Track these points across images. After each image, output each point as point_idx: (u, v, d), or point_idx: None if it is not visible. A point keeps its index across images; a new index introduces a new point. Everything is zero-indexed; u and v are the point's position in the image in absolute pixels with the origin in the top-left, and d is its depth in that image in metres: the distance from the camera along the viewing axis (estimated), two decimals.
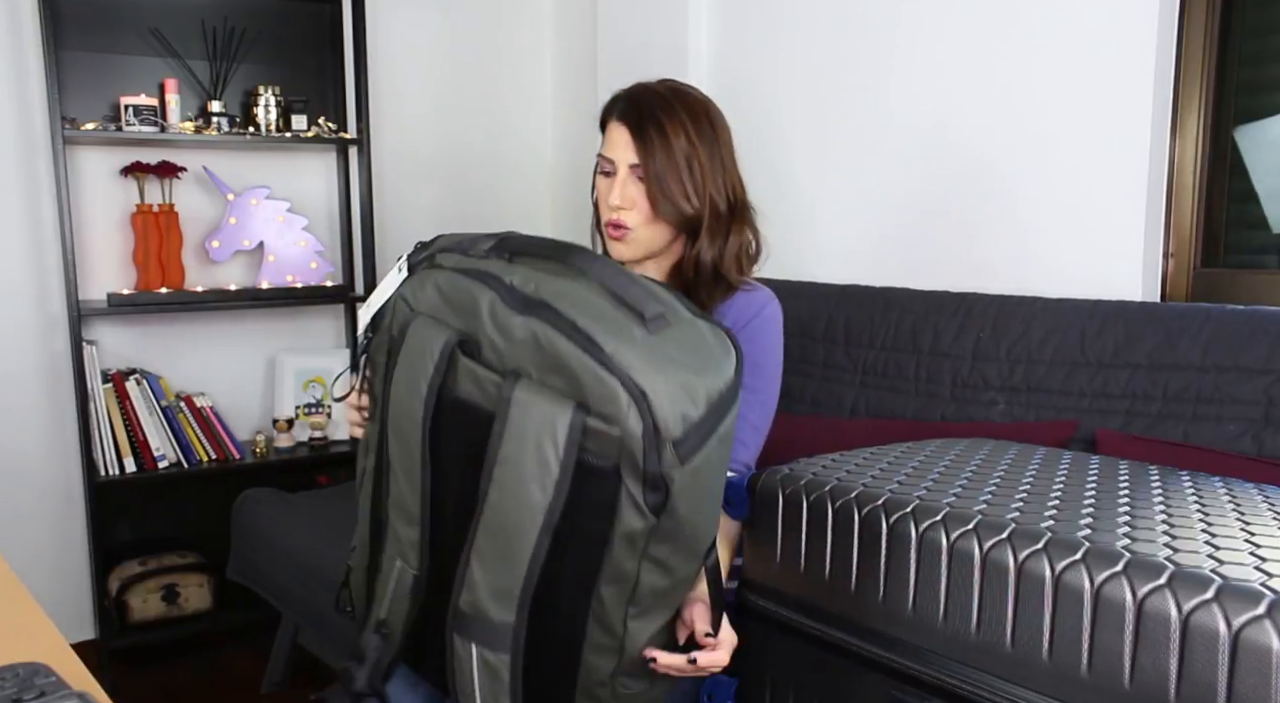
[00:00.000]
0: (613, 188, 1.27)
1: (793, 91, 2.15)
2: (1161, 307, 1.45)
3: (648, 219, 1.27)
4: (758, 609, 1.05)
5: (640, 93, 1.30)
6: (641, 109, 1.27)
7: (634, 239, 1.28)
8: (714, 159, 1.28)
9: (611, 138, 1.28)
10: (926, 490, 0.94)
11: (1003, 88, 1.76)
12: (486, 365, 0.88)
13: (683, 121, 1.26)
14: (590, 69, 2.68)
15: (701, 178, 1.26)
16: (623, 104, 1.29)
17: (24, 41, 2.24)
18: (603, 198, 1.29)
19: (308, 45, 2.52)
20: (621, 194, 1.26)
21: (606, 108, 1.32)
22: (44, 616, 0.88)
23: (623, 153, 1.26)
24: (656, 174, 1.24)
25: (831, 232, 2.08)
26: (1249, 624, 0.69)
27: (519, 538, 0.84)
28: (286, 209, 2.47)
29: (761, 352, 1.27)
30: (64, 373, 2.31)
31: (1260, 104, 1.60)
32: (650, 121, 1.26)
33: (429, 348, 0.92)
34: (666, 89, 1.30)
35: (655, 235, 1.30)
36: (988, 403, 1.55)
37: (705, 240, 1.29)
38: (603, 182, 1.30)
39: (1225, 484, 1.01)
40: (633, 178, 1.27)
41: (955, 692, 0.86)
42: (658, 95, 1.29)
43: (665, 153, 1.25)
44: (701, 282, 1.30)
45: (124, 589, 2.31)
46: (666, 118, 1.26)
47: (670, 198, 1.25)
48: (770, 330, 1.30)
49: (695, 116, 1.28)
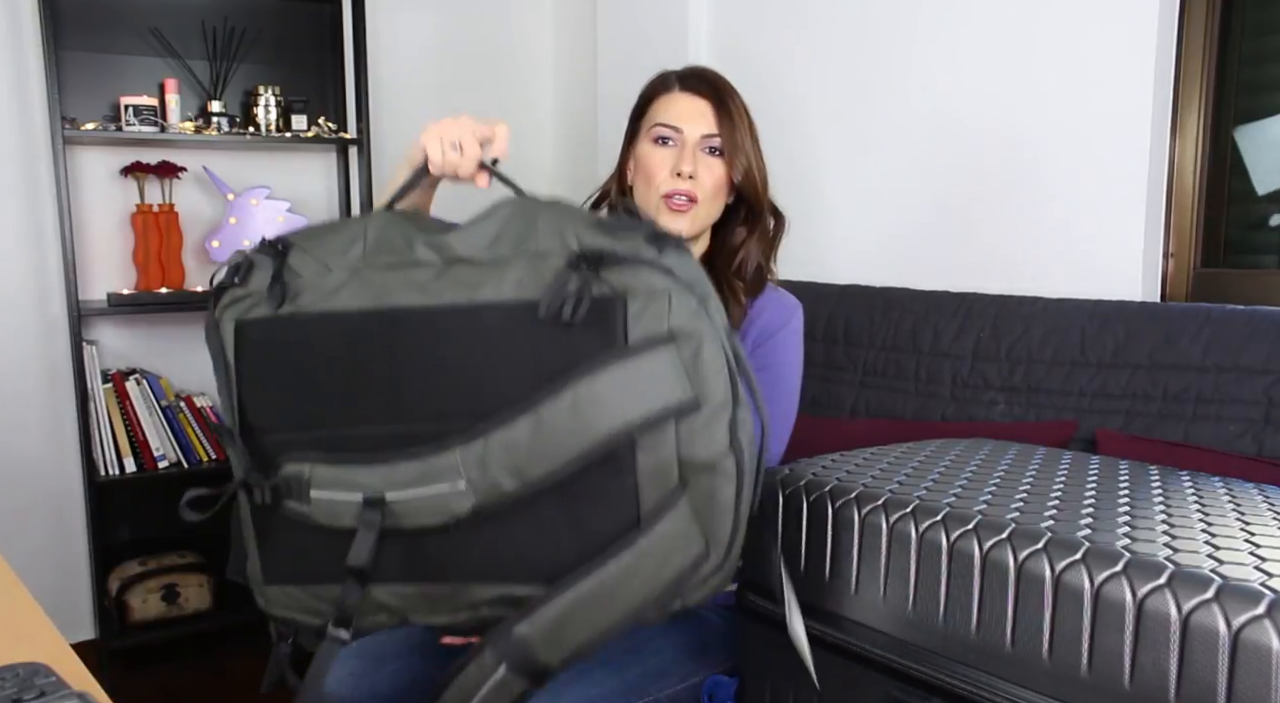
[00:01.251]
0: (681, 156, 1.24)
1: (793, 91, 2.15)
2: (1161, 307, 1.45)
3: (713, 193, 1.25)
4: (758, 609, 1.05)
5: (704, 70, 1.30)
6: (712, 81, 1.27)
7: (696, 214, 1.26)
8: (760, 151, 1.30)
9: (679, 107, 1.26)
10: (926, 491, 0.94)
11: (1000, 88, 1.76)
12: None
13: (741, 102, 1.28)
14: (590, 69, 2.68)
15: (760, 161, 1.28)
16: (687, 78, 1.28)
17: (24, 41, 2.24)
18: (659, 168, 1.25)
19: (308, 45, 2.52)
20: (693, 162, 1.23)
21: (656, 84, 1.30)
22: (44, 616, 0.88)
23: (697, 121, 1.24)
24: (740, 142, 1.24)
25: (831, 232, 2.08)
26: (1249, 624, 0.69)
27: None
28: (287, 209, 2.47)
29: (782, 363, 1.28)
30: (64, 373, 2.31)
31: (1260, 104, 1.60)
32: (725, 93, 1.26)
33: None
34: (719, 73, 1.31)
35: (713, 213, 1.29)
36: (988, 403, 1.55)
37: (760, 227, 1.29)
38: (660, 151, 1.26)
39: (1225, 484, 1.01)
40: (701, 150, 1.25)
41: (955, 692, 0.86)
42: (717, 73, 1.29)
43: (743, 125, 1.25)
44: (744, 273, 1.30)
45: (124, 589, 2.31)
46: (733, 94, 1.27)
47: (750, 167, 1.25)
48: (794, 345, 1.30)
49: (747, 107, 1.29)
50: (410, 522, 0.86)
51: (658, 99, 1.28)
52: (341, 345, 0.88)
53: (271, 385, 0.92)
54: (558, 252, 0.83)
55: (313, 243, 0.92)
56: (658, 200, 1.25)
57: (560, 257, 0.83)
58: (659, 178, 1.25)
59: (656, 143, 1.26)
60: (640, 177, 1.28)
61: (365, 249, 0.90)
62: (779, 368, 1.27)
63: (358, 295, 0.88)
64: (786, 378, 1.28)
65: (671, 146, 1.25)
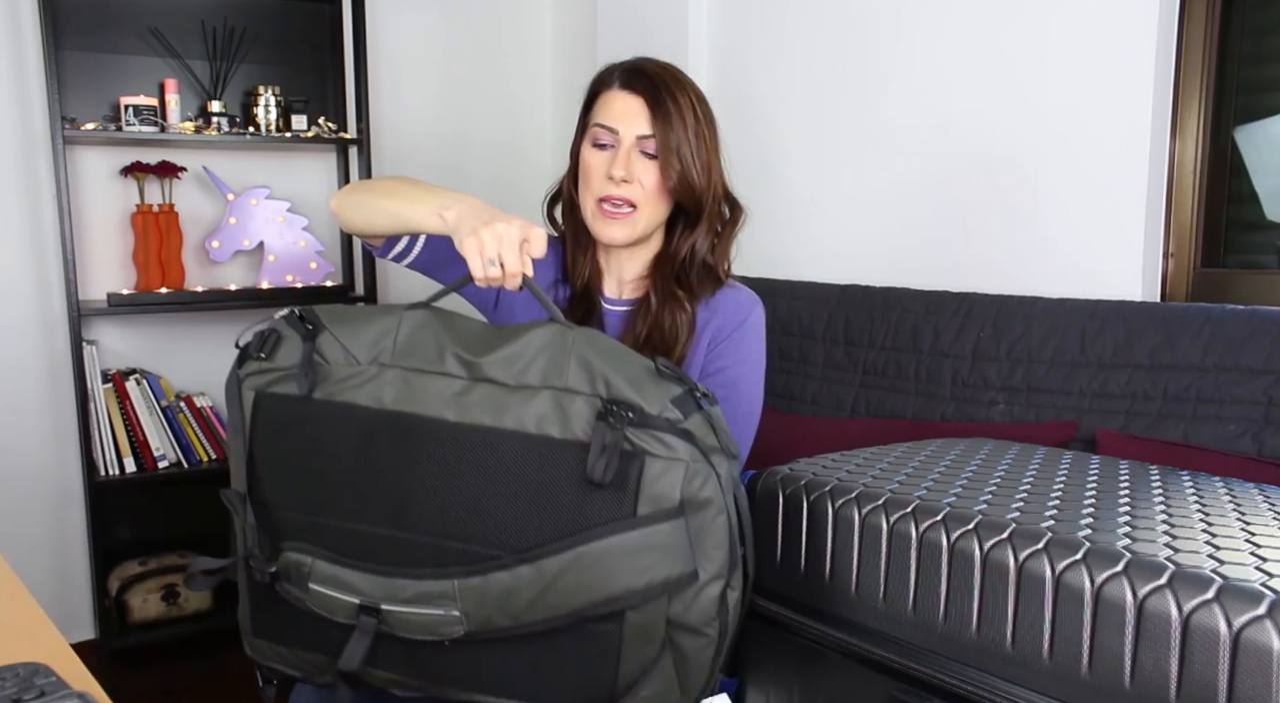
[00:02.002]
0: (615, 159, 1.18)
1: (793, 90, 2.15)
2: (1161, 307, 1.45)
3: (653, 197, 1.19)
4: (758, 609, 1.05)
5: (645, 64, 1.22)
6: (651, 77, 1.20)
7: (635, 220, 1.20)
8: (713, 143, 1.23)
9: (616, 107, 1.19)
10: (927, 491, 0.94)
11: (1002, 88, 1.76)
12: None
13: (690, 98, 1.20)
14: (590, 69, 2.67)
15: (707, 158, 1.20)
16: (627, 73, 1.21)
17: (24, 41, 2.24)
18: (595, 172, 1.20)
19: (308, 45, 2.52)
20: (626, 166, 1.17)
21: (599, 78, 1.24)
22: (44, 616, 0.88)
23: (631, 122, 1.18)
24: (674, 144, 1.17)
25: (831, 231, 2.08)
26: (1249, 624, 0.69)
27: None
28: (287, 209, 2.47)
29: (741, 361, 1.24)
30: (64, 373, 2.31)
31: (1260, 104, 1.60)
32: (664, 91, 1.18)
33: None
34: (665, 64, 1.24)
35: (655, 217, 1.22)
36: (988, 403, 1.55)
37: (704, 226, 1.23)
38: (597, 154, 1.20)
39: (1225, 484, 1.01)
40: (638, 151, 1.18)
41: (955, 692, 0.86)
42: (663, 67, 1.22)
43: (681, 124, 1.17)
44: (694, 271, 1.24)
45: (124, 589, 2.31)
46: (678, 90, 1.19)
47: (685, 171, 1.17)
48: (754, 340, 1.25)
49: (698, 96, 1.22)
50: (404, 633, 0.88)
51: (600, 96, 1.23)
52: (357, 440, 0.90)
53: (284, 463, 0.94)
54: (586, 393, 0.85)
55: (343, 330, 0.93)
56: (594, 206, 1.21)
57: (587, 400, 0.85)
58: (595, 182, 1.20)
59: (595, 145, 1.21)
60: (581, 179, 1.23)
61: (395, 347, 0.91)
62: (736, 367, 1.23)
63: (380, 394, 0.90)
64: (745, 377, 1.23)
65: (609, 149, 1.19)
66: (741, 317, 1.25)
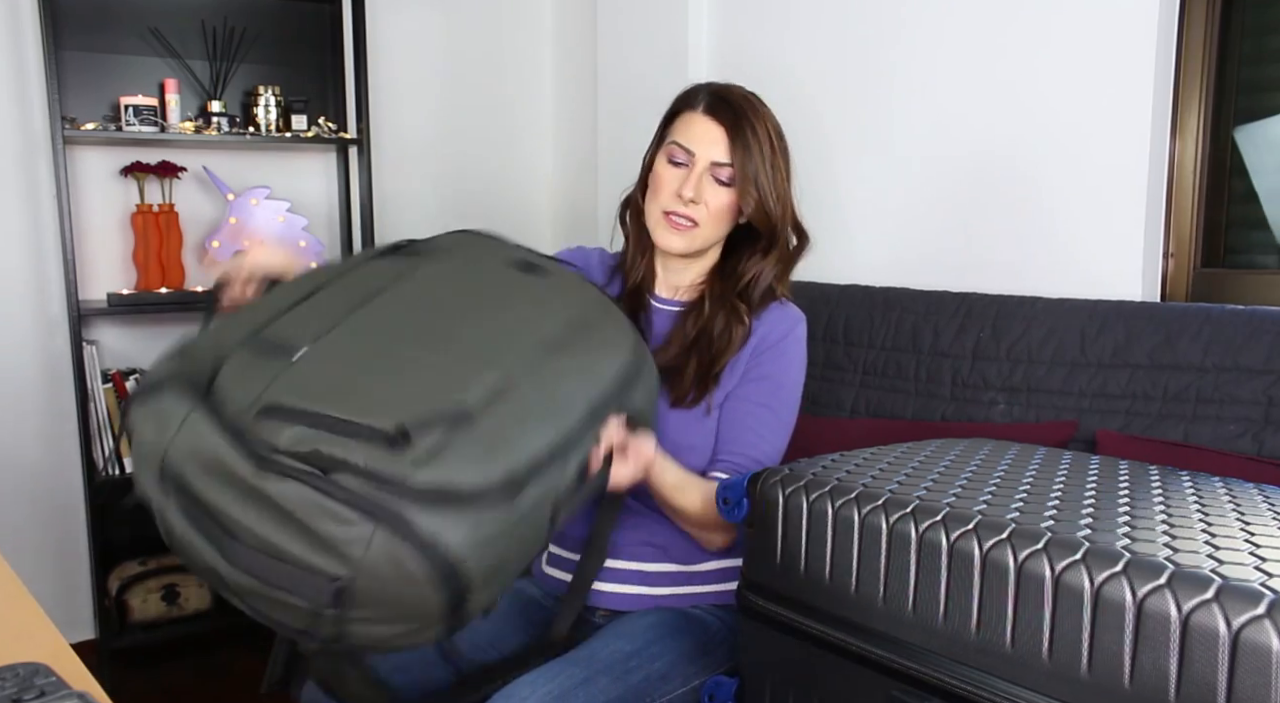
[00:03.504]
0: (687, 179, 1.24)
1: (793, 91, 2.14)
2: (1161, 307, 1.45)
3: (715, 219, 1.26)
4: (758, 609, 1.05)
5: (728, 90, 1.28)
6: (735, 106, 1.26)
7: (695, 235, 1.27)
8: (786, 173, 1.29)
9: (696, 130, 1.25)
10: (926, 491, 0.94)
11: (1002, 88, 1.76)
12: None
13: (769, 129, 1.27)
14: (591, 68, 2.68)
15: (782, 189, 1.27)
16: (710, 97, 1.27)
17: (24, 41, 2.24)
18: (666, 186, 1.26)
19: (308, 45, 2.52)
20: (696, 188, 1.24)
21: (685, 97, 1.30)
22: (44, 616, 0.88)
23: (710, 148, 1.24)
24: (752, 174, 1.23)
25: (831, 232, 2.08)
26: (1249, 624, 0.69)
27: None
28: (286, 209, 2.47)
29: (783, 371, 1.28)
30: (64, 373, 2.31)
31: (1260, 104, 1.61)
32: (745, 121, 1.24)
33: None
34: (750, 93, 1.30)
35: (715, 235, 1.29)
36: (988, 403, 1.55)
37: (776, 253, 1.29)
38: (671, 171, 1.27)
39: (1225, 484, 1.01)
40: (710, 175, 1.25)
41: (955, 692, 0.86)
42: (746, 97, 1.28)
43: (759, 154, 1.24)
44: (757, 291, 1.30)
45: (124, 589, 2.31)
46: (757, 121, 1.25)
47: (763, 200, 1.24)
48: (796, 353, 1.30)
49: (776, 130, 1.28)
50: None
51: (681, 115, 1.29)
52: None
53: None
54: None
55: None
56: (659, 215, 1.27)
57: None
58: (664, 195, 1.27)
59: (671, 161, 1.27)
60: (651, 188, 1.30)
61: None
62: (779, 376, 1.28)
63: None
64: (786, 386, 1.29)
65: (683, 167, 1.26)
66: (787, 328, 1.30)
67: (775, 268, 1.31)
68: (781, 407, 1.27)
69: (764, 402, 1.26)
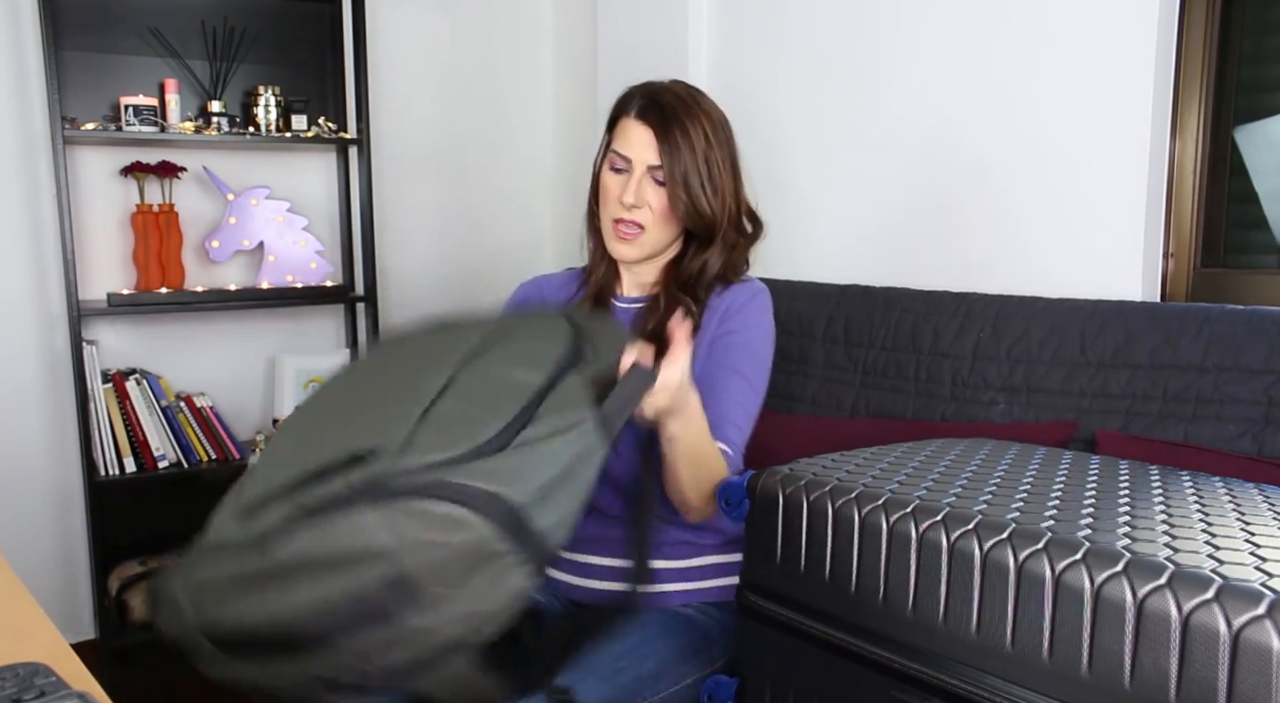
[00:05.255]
0: (627, 186, 1.26)
1: (793, 91, 2.15)
2: (1161, 307, 1.45)
3: (661, 220, 1.28)
4: (758, 609, 1.05)
5: (660, 91, 1.28)
6: (664, 109, 1.26)
7: (644, 240, 1.29)
8: (728, 165, 1.29)
9: (629, 136, 1.27)
10: (927, 491, 0.94)
11: (1002, 87, 1.76)
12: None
13: (703, 125, 1.26)
14: (590, 68, 2.68)
15: (720, 182, 1.27)
16: (642, 101, 1.28)
17: (24, 41, 2.24)
18: (610, 194, 1.29)
19: (308, 45, 2.52)
20: (636, 193, 1.26)
21: (621, 102, 1.31)
22: (44, 616, 0.88)
23: (642, 152, 1.26)
24: (680, 176, 1.24)
25: (831, 231, 2.08)
26: (1249, 624, 0.69)
27: None
28: (286, 209, 2.47)
29: (754, 337, 1.29)
30: (64, 373, 2.31)
31: (1260, 104, 1.61)
32: (674, 122, 1.25)
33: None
34: (685, 90, 1.30)
35: (664, 237, 1.30)
36: (988, 403, 1.55)
37: (717, 247, 1.30)
38: (613, 178, 1.29)
39: (1225, 484, 1.01)
40: (649, 178, 1.26)
41: (955, 692, 0.86)
42: (678, 96, 1.28)
43: (689, 155, 1.24)
44: (703, 283, 1.32)
45: (124, 589, 2.31)
46: (689, 119, 1.25)
47: (693, 201, 1.25)
48: (762, 313, 1.31)
49: (713, 121, 1.28)
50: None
51: (619, 123, 1.31)
52: None
53: None
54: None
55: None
56: (610, 224, 1.30)
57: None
58: (611, 203, 1.29)
59: (612, 168, 1.30)
60: (601, 197, 1.33)
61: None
62: (747, 331, 1.29)
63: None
64: (757, 340, 1.29)
65: (623, 173, 1.28)
66: (749, 297, 1.32)
67: (720, 258, 1.32)
68: (750, 372, 1.27)
69: (735, 367, 1.26)
